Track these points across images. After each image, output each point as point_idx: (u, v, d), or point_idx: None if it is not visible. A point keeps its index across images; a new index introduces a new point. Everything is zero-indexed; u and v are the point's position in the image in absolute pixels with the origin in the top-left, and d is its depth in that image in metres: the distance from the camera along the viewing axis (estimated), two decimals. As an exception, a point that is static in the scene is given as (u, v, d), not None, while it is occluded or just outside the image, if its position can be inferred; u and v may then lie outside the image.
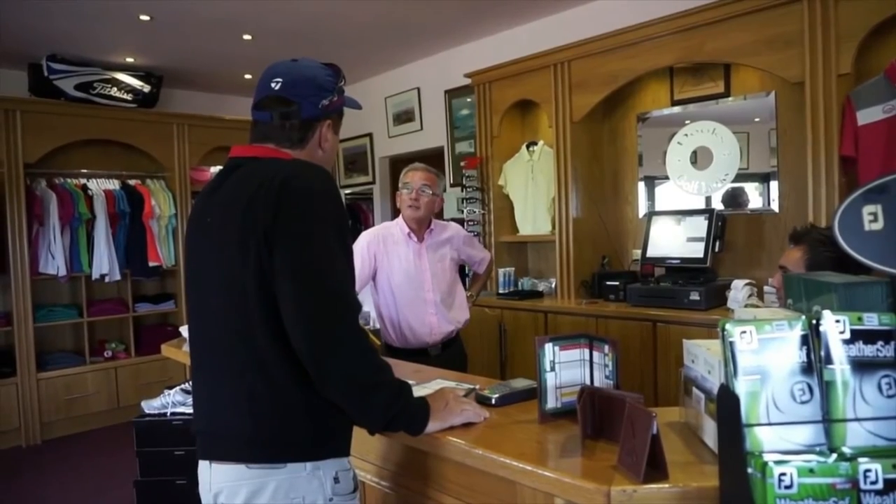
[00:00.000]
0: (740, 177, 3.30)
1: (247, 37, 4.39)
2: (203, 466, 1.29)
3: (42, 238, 4.52)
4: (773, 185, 3.20)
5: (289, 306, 1.16)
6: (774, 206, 3.19)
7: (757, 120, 3.24)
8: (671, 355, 2.95)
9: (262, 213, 1.18)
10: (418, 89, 5.23)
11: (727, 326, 0.95)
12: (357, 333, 1.20)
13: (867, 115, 2.63)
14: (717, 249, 3.13)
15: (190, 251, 1.38)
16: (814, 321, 0.94)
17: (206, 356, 1.31)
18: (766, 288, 2.99)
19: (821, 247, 1.70)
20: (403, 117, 5.40)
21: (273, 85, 1.34)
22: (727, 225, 3.23)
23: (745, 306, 2.75)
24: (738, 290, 2.91)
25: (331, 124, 1.39)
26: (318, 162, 1.37)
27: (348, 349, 1.17)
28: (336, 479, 1.25)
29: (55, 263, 4.50)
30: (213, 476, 1.25)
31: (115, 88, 4.89)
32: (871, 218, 0.94)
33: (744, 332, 0.94)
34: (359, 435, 1.33)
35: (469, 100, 4.62)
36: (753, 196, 3.30)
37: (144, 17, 3.94)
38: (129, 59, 4.85)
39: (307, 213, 1.20)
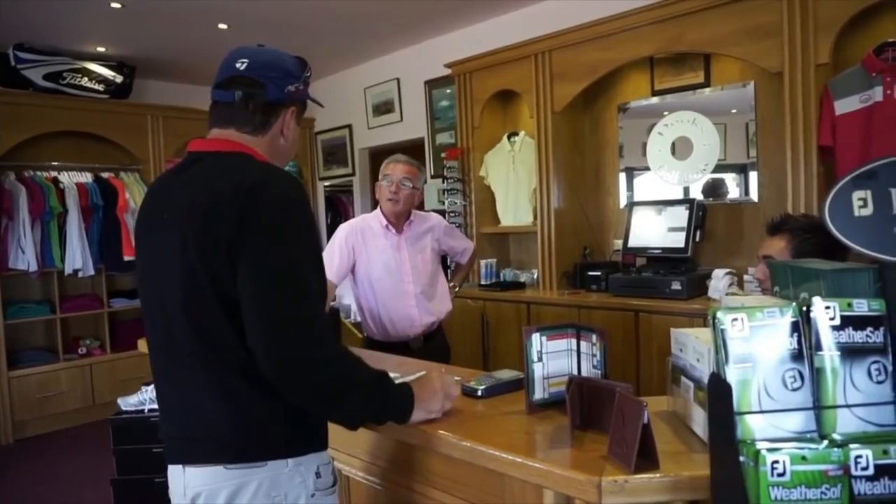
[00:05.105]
0: (718, 168, 3.32)
1: (222, 26, 4.30)
2: (175, 471, 1.23)
3: (11, 233, 4.39)
4: (752, 175, 3.22)
5: (252, 316, 1.12)
6: (754, 196, 3.22)
7: (734, 111, 3.26)
8: (653, 345, 2.97)
9: (229, 217, 1.12)
10: (398, 80, 5.17)
11: (718, 314, 0.94)
12: (323, 345, 1.15)
13: (844, 105, 2.65)
14: (697, 239, 3.15)
15: (142, 247, 1.30)
16: (804, 308, 0.94)
17: (171, 359, 1.24)
18: (745, 277, 3.02)
19: (804, 234, 1.71)
20: (383, 108, 5.35)
21: (238, 65, 1.29)
22: (707, 215, 3.25)
23: (726, 295, 2.77)
24: (719, 280, 2.93)
25: (294, 112, 1.35)
26: (279, 151, 1.34)
27: (311, 365, 1.13)
28: (318, 474, 1.23)
29: (25, 259, 4.38)
30: (187, 480, 1.20)
31: (85, 79, 4.76)
32: (861, 203, 0.94)
33: (735, 319, 0.93)
34: (344, 430, 1.31)
35: (449, 90, 4.58)
36: (731, 187, 3.32)
37: (115, 5, 3.83)
38: (101, 49, 4.72)
39: (278, 222, 1.15)
